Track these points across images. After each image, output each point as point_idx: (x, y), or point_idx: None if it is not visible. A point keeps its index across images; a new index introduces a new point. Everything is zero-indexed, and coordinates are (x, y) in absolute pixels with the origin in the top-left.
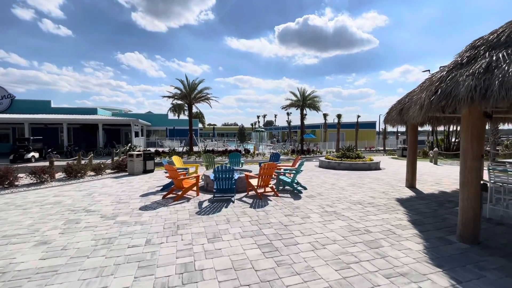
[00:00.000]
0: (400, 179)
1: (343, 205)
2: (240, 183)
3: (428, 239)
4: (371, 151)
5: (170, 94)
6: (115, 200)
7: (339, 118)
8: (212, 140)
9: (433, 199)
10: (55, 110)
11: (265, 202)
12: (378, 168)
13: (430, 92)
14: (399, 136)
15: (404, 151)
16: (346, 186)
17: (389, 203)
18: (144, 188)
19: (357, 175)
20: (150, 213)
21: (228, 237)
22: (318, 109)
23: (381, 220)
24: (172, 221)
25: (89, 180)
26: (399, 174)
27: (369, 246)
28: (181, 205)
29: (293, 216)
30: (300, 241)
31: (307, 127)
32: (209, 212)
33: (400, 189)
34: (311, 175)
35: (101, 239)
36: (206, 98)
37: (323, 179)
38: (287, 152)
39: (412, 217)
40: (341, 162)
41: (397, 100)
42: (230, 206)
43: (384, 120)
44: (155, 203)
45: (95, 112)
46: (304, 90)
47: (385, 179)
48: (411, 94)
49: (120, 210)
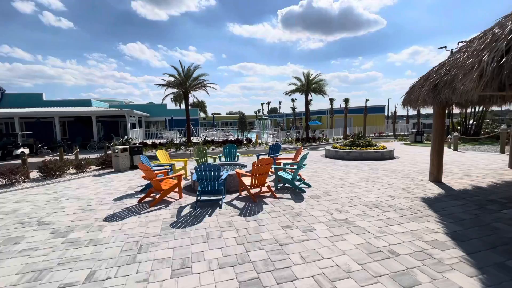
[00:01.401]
0: (420, 170)
1: (356, 209)
2: (232, 181)
3: (483, 268)
4: (380, 136)
5: (164, 82)
6: (82, 207)
7: (346, 103)
8: (214, 130)
9: (468, 198)
10: (47, 103)
11: (259, 207)
12: (392, 157)
13: (498, 52)
14: (409, 120)
15: (418, 136)
16: (358, 182)
17: (414, 205)
18: (123, 189)
19: (369, 166)
20: (114, 225)
21: (201, 266)
22: (324, 93)
23: (408, 233)
24: (137, 238)
25: (67, 180)
26: (418, 164)
27: (399, 283)
28: (156, 213)
29: (292, 228)
30: (300, 275)
31: (313, 113)
32: (187, 223)
33: (423, 185)
34: (317, 167)
35: (31, 271)
36: (203, 86)
37: (330, 173)
38: (291, 140)
39: (448, 227)
40: (350, 152)
41: (421, 77)
42: (215, 213)
43: (403, 102)
44: (126, 210)
45: (89, 104)
46: (308, 74)
47: (402, 171)
48: (441, 68)
49: (81, 221)
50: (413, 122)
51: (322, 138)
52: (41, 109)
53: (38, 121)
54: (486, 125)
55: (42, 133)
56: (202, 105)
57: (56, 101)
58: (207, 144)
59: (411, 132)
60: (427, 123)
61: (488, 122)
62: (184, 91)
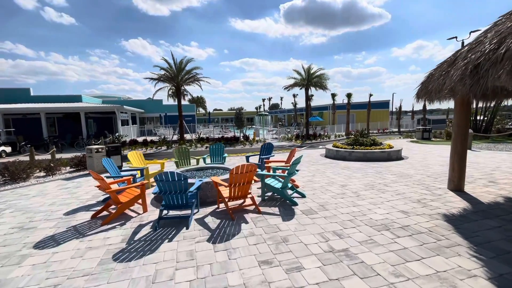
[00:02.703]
0: (434, 174)
1: (360, 232)
2: (210, 190)
3: None
4: (384, 133)
5: (155, 76)
6: (21, 224)
7: (349, 98)
8: (209, 126)
9: (505, 217)
10: (35, 98)
11: (236, 227)
12: (400, 157)
13: None
14: (414, 116)
15: (425, 132)
16: (362, 190)
17: (435, 226)
18: (85, 198)
19: (375, 169)
20: (41, 255)
21: None
22: (325, 87)
23: (435, 278)
24: (59, 279)
25: (31, 185)
26: (430, 167)
27: None
28: (105, 235)
29: (272, 264)
30: None
31: (314, 109)
32: (136, 254)
33: (442, 195)
34: (314, 170)
35: None
36: (196, 80)
37: (330, 177)
38: (291, 137)
39: (490, 266)
40: (352, 151)
41: (443, 63)
42: (178, 236)
43: (418, 94)
44: (72, 230)
45: (79, 100)
46: (309, 68)
47: (414, 176)
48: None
49: (4, 248)
50: (418, 118)
51: (323, 135)
52: (26, 105)
53: (25, 118)
54: (496, 121)
55: (30, 130)
56: (201, 101)
57: (44, 96)
58: (201, 141)
59: (417, 129)
60: (433, 119)
61: (497, 118)
62: (176, 86)
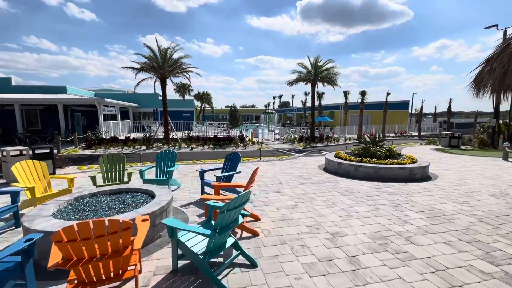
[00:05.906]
0: (491, 214)
1: None
2: None
3: None
4: (402, 137)
5: (138, 66)
6: None
7: (363, 96)
8: (203, 125)
9: None
10: (17, 89)
11: None
12: (426, 176)
13: None
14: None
15: (453, 139)
16: (367, 249)
17: None
18: None
19: (390, 199)
20: None
21: None
22: (334, 83)
23: None
24: None
25: None
26: (476, 196)
27: None
28: None
29: None
30: None
31: (325, 108)
32: None
33: None
34: (300, 194)
35: None
36: (184, 70)
37: (318, 211)
38: (293, 139)
39: None
40: (360, 165)
41: None
42: None
43: (475, 80)
44: None
45: (64, 91)
46: (316, 60)
47: (454, 216)
48: None
49: None
50: (440, 120)
51: (331, 138)
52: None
53: (3, 109)
54: None
55: (7, 123)
56: (207, 97)
57: (26, 86)
58: (187, 141)
59: (444, 134)
60: (456, 122)
61: None
62: (161, 77)
